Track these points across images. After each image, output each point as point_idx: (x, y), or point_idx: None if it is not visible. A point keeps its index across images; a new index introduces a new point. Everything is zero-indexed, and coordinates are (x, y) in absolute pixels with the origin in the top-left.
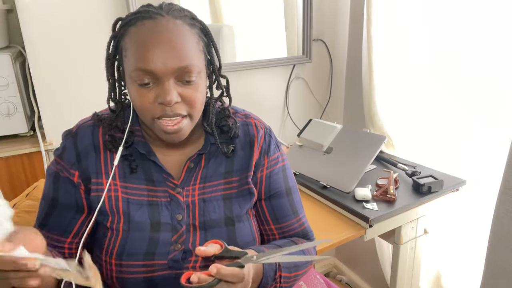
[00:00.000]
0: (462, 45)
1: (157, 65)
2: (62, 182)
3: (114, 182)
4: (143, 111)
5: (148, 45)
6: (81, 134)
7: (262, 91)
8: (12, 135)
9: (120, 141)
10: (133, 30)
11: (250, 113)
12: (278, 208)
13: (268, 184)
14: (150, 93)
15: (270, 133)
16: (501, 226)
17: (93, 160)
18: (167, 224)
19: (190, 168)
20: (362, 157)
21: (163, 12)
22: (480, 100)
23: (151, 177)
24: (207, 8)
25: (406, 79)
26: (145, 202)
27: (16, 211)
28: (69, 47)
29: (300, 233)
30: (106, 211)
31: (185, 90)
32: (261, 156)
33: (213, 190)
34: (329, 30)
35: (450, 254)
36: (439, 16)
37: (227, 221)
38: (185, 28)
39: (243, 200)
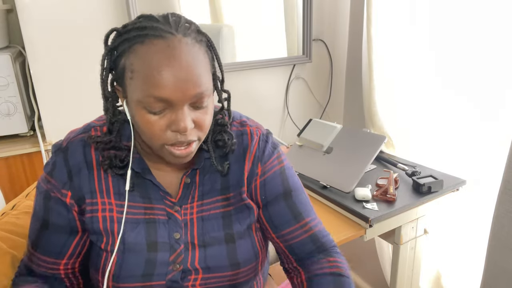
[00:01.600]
0: (462, 45)
1: (174, 93)
2: (53, 203)
3: (109, 201)
4: (153, 138)
5: (163, 71)
6: (72, 150)
7: (262, 91)
8: (12, 135)
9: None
10: (141, 50)
11: (248, 119)
12: (276, 214)
13: (263, 192)
14: (162, 120)
15: (267, 138)
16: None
17: (86, 178)
18: (164, 244)
19: (187, 183)
20: (362, 157)
21: (172, 29)
22: (480, 100)
23: (148, 195)
24: (207, 8)
25: (406, 79)
26: (141, 220)
27: (15, 212)
28: (69, 47)
29: (307, 241)
30: (100, 232)
31: (197, 114)
32: (254, 166)
33: (211, 208)
34: (329, 30)
35: (450, 254)
36: (439, 16)
37: (228, 238)
38: (196, 47)
39: (242, 216)
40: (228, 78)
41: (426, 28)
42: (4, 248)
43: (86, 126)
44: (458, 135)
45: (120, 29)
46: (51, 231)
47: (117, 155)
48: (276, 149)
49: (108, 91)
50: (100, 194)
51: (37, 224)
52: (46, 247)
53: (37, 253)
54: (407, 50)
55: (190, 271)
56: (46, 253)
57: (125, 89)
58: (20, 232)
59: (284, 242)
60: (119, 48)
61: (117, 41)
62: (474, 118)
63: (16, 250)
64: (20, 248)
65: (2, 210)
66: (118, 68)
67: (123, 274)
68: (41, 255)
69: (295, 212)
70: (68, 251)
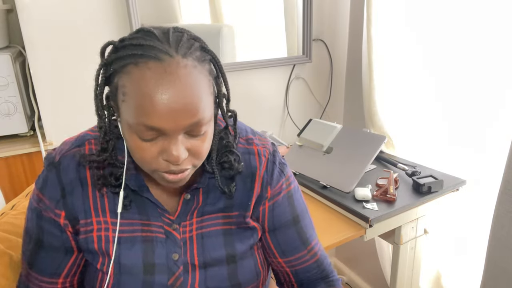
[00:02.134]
0: (462, 45)
1: (167, 123)
2: (46, 223)
3: (104, 219)
4: (143, 164)
5: (156, 99)
6: (65, 165)
7: (262, 91)
8: (12, 135)
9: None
10: (135, 73)
11: (254, 135)
12: (284, 240)
13: (271, 217)
14: (154, 147)
15: (274, 159)
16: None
17: (80, 197)
18: (162, 266)
19: (187, 200)
20: (362, 157)
21: (171, 49)
22: (480, 100)
23: (146, 212)
24: (207, 8)
25: (406, 79)
26: (138, 239)
27: (14, 212)
28: (69, 47)
29: (313, 266)
30: (96, 252)
31: (193, 142)
32: (263, 189)
33: (212, 224)
34: (329, 30)
35: (450, 254)
36: (439, 16)
37: (229, 259)
38: (196, 70)
39: (244, 236)
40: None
41: (426, 28)
42: (1, 249)
43: (80, 138)
44: (458, 135)
45: (117, 43)
46: (45, 251)
47: (113, 173)
48: (284, 171)
49: (101, 108)
50: (95, 212)
51: (30, 243)
52: (41, 267)
53: (33, 273)
54: (407, 50)
55: None
56: (42, 273)
57: (118, 109)
58: (19, 232)
59: (290, 267)
60: (114, 65)
61: (112, 57)
62: (474, 118)
63: (14, 251)
64: (18, 248)
65: (1, 210)
66: (112, 86)
67: None
68: (38, 275)
69: (303, 238)
70: (64, 271)
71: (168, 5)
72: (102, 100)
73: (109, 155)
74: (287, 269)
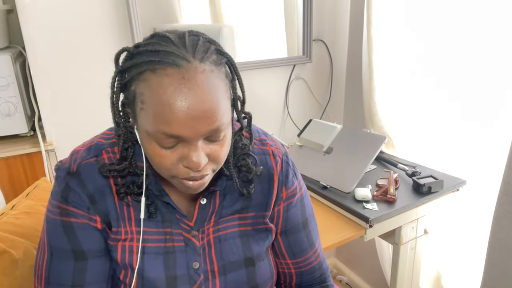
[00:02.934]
0: (462, 45)
1: (187, 130)
2: (81, 230)
3: (131, 229)
4: (162, 170)
5: (176, 107)
6: (87, 174)
7: (262, 91)
8: (12, 135)
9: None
10: (153, 80)
11: (266, 136)
12: (295, 243)
13: (285, 218)
14: (173, 154)
15: (288, 160)
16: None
17: (111, 203)
18: (183, 276)
19: (203, 204)
20: (362, 157)
21: (188, 54)
22: (480, 100)
23: (167, 218)
24: (207, 8)
25: (406, 79)
26: (161, 250)
27: (14, 212)
28: (69, 47)
29: (316, 267)
30: (118, 263)
31: (212, 147)
32: (279, 189)
33: (227, 226)
34: (329, 30)
35: (450, 255)
36: (439, 16)
37: (247, 263)
38: (214, 74)
39: (260, 237)
40: None
41: (426, 28)
42: (2, 247)
43: (95, 147)
44: (458, 135)
45: (132, 49)
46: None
47: (134, 181)
48: (297, 173)
49: (119, 116)
50: (123, 222)
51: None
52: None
53: None
54: (407, 50)
55: None
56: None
57: (135, 116)
58: (19, 232)
59: (297, 268)
60: (130, 72)
61: (128, 63)
62: (474, 118)
63: (15, 250)
64: (18, 248)
65: (2, 210)
66: (129, 93)
67: None
68: None
69: (310, 241)
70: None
71: (168, 5)
72: (119, 107)
73: (129, 163)
74: (293, 270)
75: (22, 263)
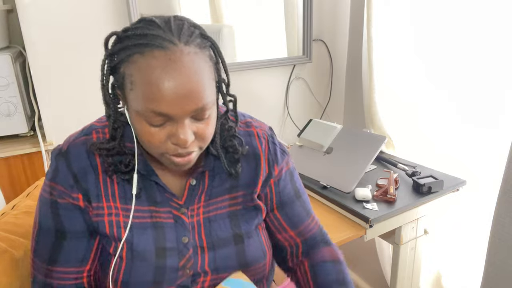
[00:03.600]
0: (462, 45)
1: (174, 108)
2: (64, 210)
3: (115, 205)
4: (151, 147)
5: (163, 87)
6: (74, 154)
7: (262, 91)
8: (12, 135)
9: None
10: (141, 62)
11: (250, 118)
12: (293, 213)
13: (278, 192)
14: (162, 132)
15: (273, 139)
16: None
17: (93, 182)
18: (173, 249)
19: (192, 185)
20: (362, 157)
21: (174, 38)
22: (480, 100)
23: (154, 198)
24: (207, 8)
25: (406, 79)
26: (149, 225)
27: (15, 212)
28: (69, 47)
29: (318, 233)
30: (108, 237)
31: (199, 126)
32: (270, 168)
33: (217, 208)
34: (329, 30)
35: (450, 255)
36: (439, 16)
37: (236, 239)
38: (198, 56)
39: (249, 216)
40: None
41: (426, 28)
42: (3, 247)
43: (86, 128)
44: (458, 135)
45: (120, 34)
46: (69, 239)
47: (122, 160)
48: (285, 150)
49: (109, 97)
50: (106, 198)
51: (49, 238)
52: (68, 258)
53: (57, 268)
54: (407, 50)
55: (200, 274)
56: (68, 264)
57: (125, 97)
58: (20, 232)
59: (301, 236)
60: (119, 55)
61: (117, 47)
62: (474, 118)
63: (15, 250)
64: (19, 247)
65: (2, 210)
66: (118, 75)
67: (132, 281)
68: (63, 268)
69: (306, 209)
70: (91, 256)
71: (168, 5)
72: (109, 89)
73: (118, 143)
74: (297, 239)
75: (22, 263)
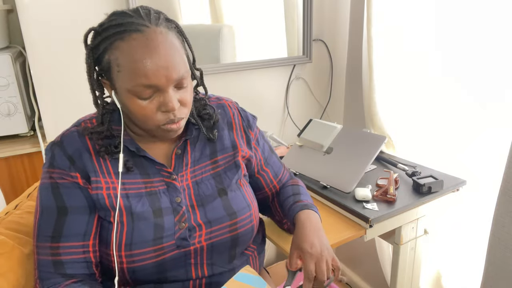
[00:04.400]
0: (462, 45)
1: (160, 79)
2: (64, 188)
3: (111, 180)
4: (146, 121)
5: (147, 62)
6: (68, 141)
7: (262, 91)
8: (12, 135)
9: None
10: (123, 46)
11: (219, 95)
12: (274, 164)
13: (261, 151)
14: (152, 104)
15: (242, 108)
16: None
17: (88, 159)
18: (168, 208)
19: (178, 154)
20: (362, 157)
21: (145, 22)
22: (480, 100)
23: (146, 171)
24: (207, 8)
25: (406, 79)
26: (143, 194)
27: (18, 211)
28: (69, 47)
29: (288, 176)
30: (107, 207)
31: (181, 94)
32: (247, 132)
33: (203, 172)
34: (329, 30)
35: (450, 255)
36: (439, 16)
37: (220, 192)
38: (170, 35)
39: (230, 173)
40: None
41: (426, 28)
42: (11, 244)
43: (75, 122)
44: (458, 135)
45: (98, 28)
46: (71, 214)
47: (111, 143)
48: (254, 116)
49: (96, 86)
50: (102, 174)
51: (52, 217)
52: (71, 232)
53: (62, 243)
54: (407, 50)
55: (195, 228)
56: (73, 239)
57: (112, 82)
58: (25, 230)
59: (279, 183)
60: (101, 46)
61: (97, 39)
62: (474, 118)
63: (24, 247)
64: (26, 244)
65: (6, 210)
66: (103, 64)
67: (135, 241)
68: (68, 243)
69: (280, 160)
70: (93, 229)
71: (168, 5)
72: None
73: (106, 128)
74: (277, 186)
75: (29, 260)
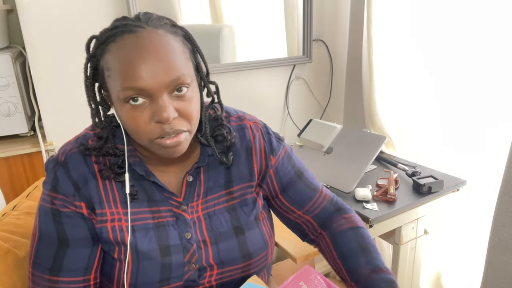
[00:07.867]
0: (462, 45)
1: (146, 81)
2: (67, 218)
3: (116, 210)
4: (138, 133)
5: (134, 61)
6: (73, 163)
7: (262, 91)
8: (12, 135)
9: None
10: (114, 47)
11: (244, 113)
12: (296, 194)
13: (278, 179)
14: (145, 113)
15: (267, 130)
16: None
17: (94, 188)
18: (177, 246)
19: (189, 182)
20: (362, 157)
21: (142, 23)
22: (480, 100)
23: (153, 198)
24: (207, 8)
25: (406, 79)
26: (151, 226)
27: (16, 212)
28: (69, 47)
29: (328, 205)
30: (111, 242)
31: (180, 103)
32: (267, 159)
33: (215, 203)
34: (329, 30)
35: (450, 255)
36: (439, 16)
37: (237, 231)
38: (168, 37)
39: (247, 208)
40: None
41: (426, 28)
42: (5, 247)
43: (81, 137)
44: (458, 135)
45: (98, 35)
46: (73, 248)
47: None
48: (280, 138)
49: (93, 98)
50: (108, 204)
51: (51, 247)
52: (71, 267)
53: (61, 278)
54: (407, 50)
55: (206, 268)
56: (73, 274)
57: (109, 92)
58: (21, 232)
59: (310, 214)
60: (97, 53)
61: (95, 46)
62: (474, 118)
63: (18, 250)
64: (22, 247)
65: (3, 211)
66: (99, 71)
67: (139, 281)
68: (67, 278)
69: (311, 186)
70: (95, 264)
71: (168, 5)
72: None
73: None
74: (307, 217)
75: (25, 263)
